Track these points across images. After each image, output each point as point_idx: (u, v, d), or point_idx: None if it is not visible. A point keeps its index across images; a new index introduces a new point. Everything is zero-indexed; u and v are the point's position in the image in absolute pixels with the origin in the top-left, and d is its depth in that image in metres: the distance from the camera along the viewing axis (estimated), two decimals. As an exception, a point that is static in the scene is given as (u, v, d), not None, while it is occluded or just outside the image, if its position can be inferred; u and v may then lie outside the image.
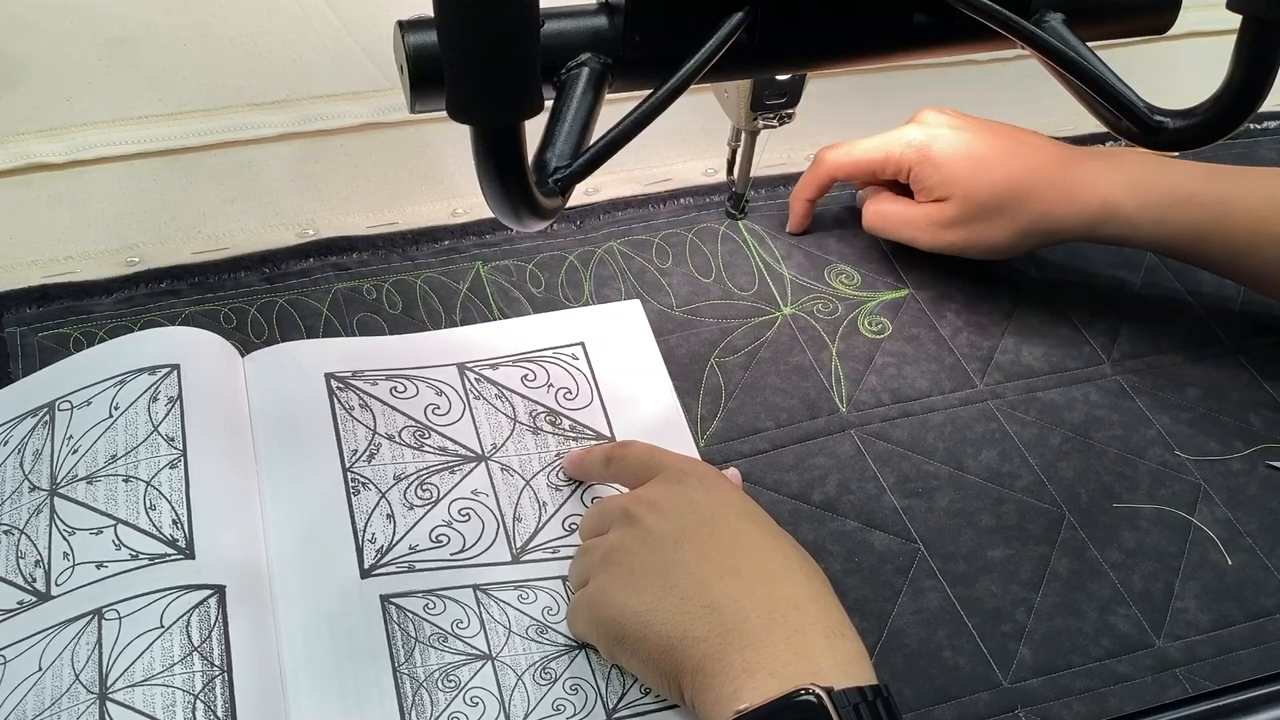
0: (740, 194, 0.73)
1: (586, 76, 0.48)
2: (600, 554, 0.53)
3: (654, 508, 0.53)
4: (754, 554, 0.51)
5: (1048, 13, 0.53)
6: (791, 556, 0.52)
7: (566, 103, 0.47)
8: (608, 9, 0.49)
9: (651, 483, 0.56)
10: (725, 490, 0.55)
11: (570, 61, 0.48)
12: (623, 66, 0.49)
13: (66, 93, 0.76)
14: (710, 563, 0.51)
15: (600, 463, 0.59)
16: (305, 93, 0.79)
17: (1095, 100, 0.53)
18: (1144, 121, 0.53)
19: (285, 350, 0.64)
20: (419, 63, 0.45)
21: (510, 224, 0.46)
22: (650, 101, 0.47)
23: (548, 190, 0.46)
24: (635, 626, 0.50)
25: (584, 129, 0.47)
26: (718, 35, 0.48)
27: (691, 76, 0.47)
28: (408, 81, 0.46)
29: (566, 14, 0.48)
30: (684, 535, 0.52)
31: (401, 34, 0.46)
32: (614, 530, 0.54)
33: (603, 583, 0.52)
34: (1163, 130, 0.53)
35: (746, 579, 0.50)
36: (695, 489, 0.54)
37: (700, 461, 0.60)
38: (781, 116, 0.64)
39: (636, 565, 0.52)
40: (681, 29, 0.48)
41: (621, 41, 0.48)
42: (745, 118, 0.65)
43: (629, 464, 0.58)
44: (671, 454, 0.58)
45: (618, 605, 0.51)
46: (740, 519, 0.53)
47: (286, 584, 0.55)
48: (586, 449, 0.61)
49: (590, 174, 0.47)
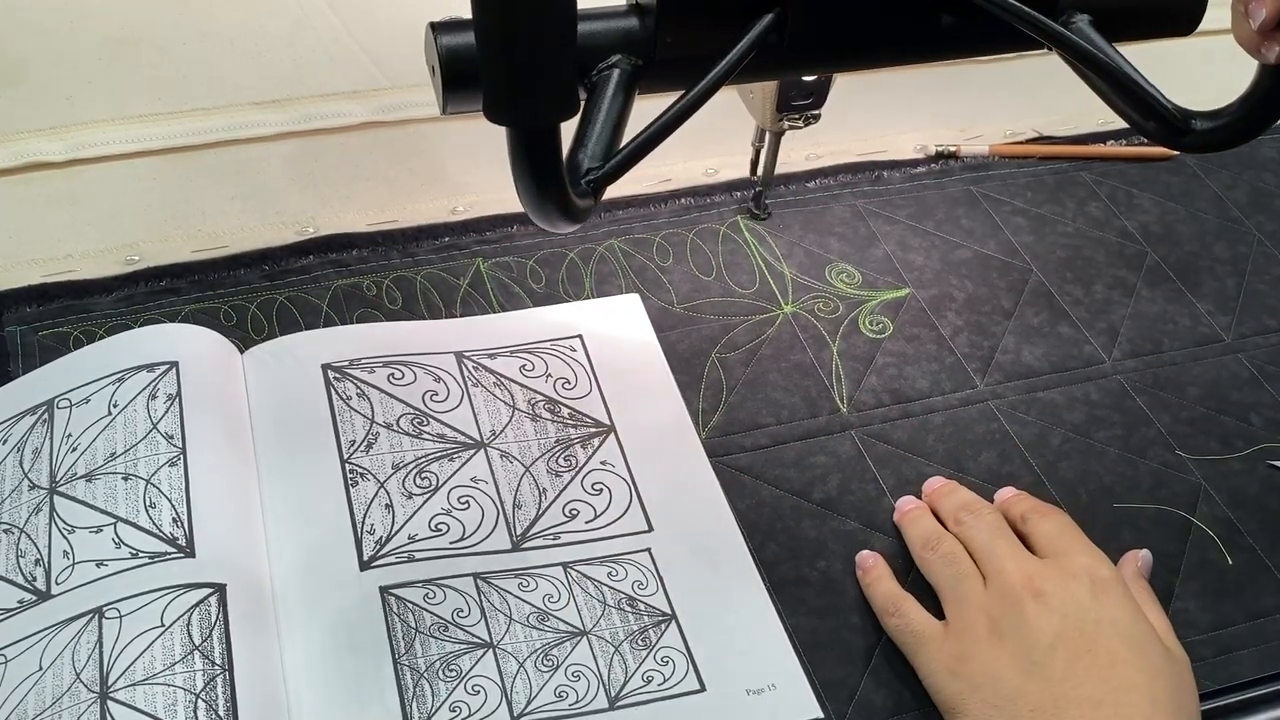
0: (763, 193, 0.74)
1: (617, 78, 0.48)
2: (976, 609, 0.53)
3: (1041, 599, 0.52)
4: (1122, 691, 0.49)
5: (1074, 14, 0.52)
6: (1160, 704, 0.49)
7: (598, 104, 0.47)
8: (638, 10, 0.49)
9: (1046, 567, 0.54)
10: (1118, 603, 0.52)
11: (601, 63, 0.48)
12: (653, 68, 0.49)
13: (66, 92, 0.76)
14: (1073, 683, 0.49)
15: (990, 509, 0.58)
16: (305, 92, 0.79)
17: (1122, 101, 0.53)
18: (1171, 123, 0.52)
19: (282, 344, 0.64)
20: (452, 64, 0.45)
21: (544, 225, 0.46)
22: (682, 103, 0.47)
23: (580, 191, 0.46)
24: (975, 704, 0.50)
25: (615, 130, 0.47)
26: (748, 37, 0.47)
27: (723, 78, 0.47)
28: (440, 83, 0.46)
29: (597, 15, 0.48)
30: (1059, 641, 0.51)
31: (434, 35, 0.46)
32: (993, 595, 0.53)
33: (967, 648, 0.52)
34: (1190, 131, 0.52)
35: (1104, 716, 0.48)
36: (1087, 591, 0.52)
37: (1103, 558, 0.55)
38: (807, 117, 0.65)
39: (1002, 653, 0.51)
40: (712, 30, 0.48)
41: (652, 43, 0.48)
42: (771, 119, 0.65)
43: (1044, 532, 0.56)
44: (1083, 540, 0.56)
45: (978, 675, 0.51)
46: (1124, 645, 0.51)
47: (286, 581, 0.55)
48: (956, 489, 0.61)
49: (622, 175, 0.47)
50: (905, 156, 0.82)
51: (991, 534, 0.56)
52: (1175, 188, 0.82)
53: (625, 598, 0.56)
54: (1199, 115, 0.53)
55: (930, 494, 0.61)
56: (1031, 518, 0.57)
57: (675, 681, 0.54)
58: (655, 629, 0.55)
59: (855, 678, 0.55)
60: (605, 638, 0.55)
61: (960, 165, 0.81)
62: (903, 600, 0.56)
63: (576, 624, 0.55)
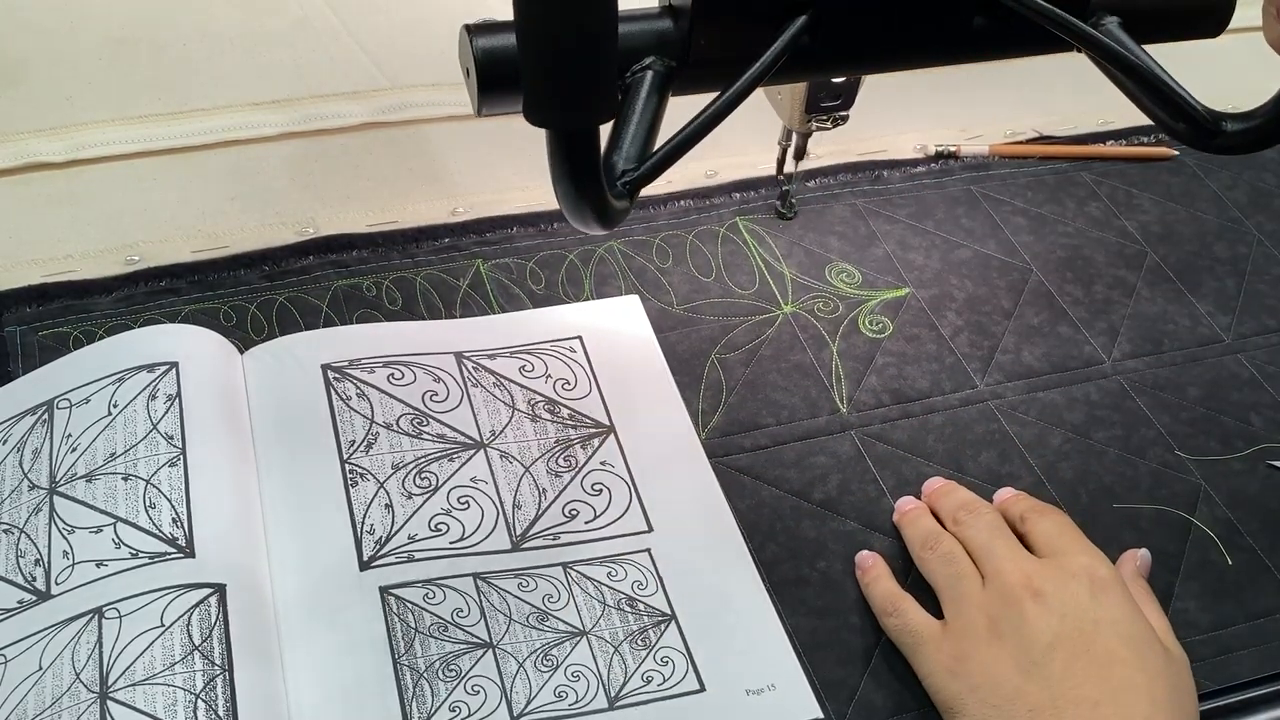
0: (789, 192, 0.74)
1: (651, 79, 0.48)
2: (975, 608, 0.53)
3: (1039, 599, 0.52)
4: (1121, 691, 0.49)
5: (1104, 15, 0.52)
6: (1159, 704, 0.49)
7: (632, 105, 0.47)
8: (672, 12, 0.49)
9: (1045, 566, 0.54)
10: (1117, 603, 0.52)
11: (635, 65, 0.48)
12: (686, 69, 0.49)
13: (66, 92, 0.77)
14: (1072, 683, 0.49)
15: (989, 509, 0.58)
16: (305, 92, 0.79)
17: (1152, 103, 0.53)
18: (1202, 124, 0.52)
19: (282, 344, 0.64)
20: (488, 67, 0.45)
21: (580, 226, 0.46)
22: (717, 105, 0.47)
23: (616, 193, 0.45)
24: (974, 704, 0.50)
25: (650, 131, 0.47)
26: (782, 39, 0.47)
27: (758, 80, 0.47)
28: (475, 85, 0.46)
29: (631, 17, 0.48)
30: (1058, 641, 0.51)
31: (470, 38, 0.46)
32: (991, 595, 0.53)
33: (966, 648, 0.52)
34: (1221, 133, 0.52)
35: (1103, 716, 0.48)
36: (1086, 591, 0.52)
37: (1101, 557, 0.55)
38: (835, 118, 0.65)
39: (1000, 653, 0.51)
40: (745, 32, 0.48)
41: (686, 44, 0.48)
42: (799, 119, 0.65)
43: (1043, 531, 0.56)
44: (1081, 540, 0.56)
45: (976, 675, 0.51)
46: (1123, 645, 0.51)
47: (286, 581, 0.55)
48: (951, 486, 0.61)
49: (657, 177, 0.47)
50: (905, 156, 0.82)
51: (990, 533, 0.56)
52: (1175, 188, 0.82)
53: (625, 598, 0.56)
54: (1230, 117, 0.52)
55: (929, 494, 0.61)
56: (1030, 517, 0.57)
57: (675, 682, 0.54)
58: (655, 629, 0.55)
59: (855, 678, 0.55)
60: (605, 638, 0.55)
61: (960, 165, 0.81)
62: (901, 600, 0.56)
63: (576, 624, 0.55)
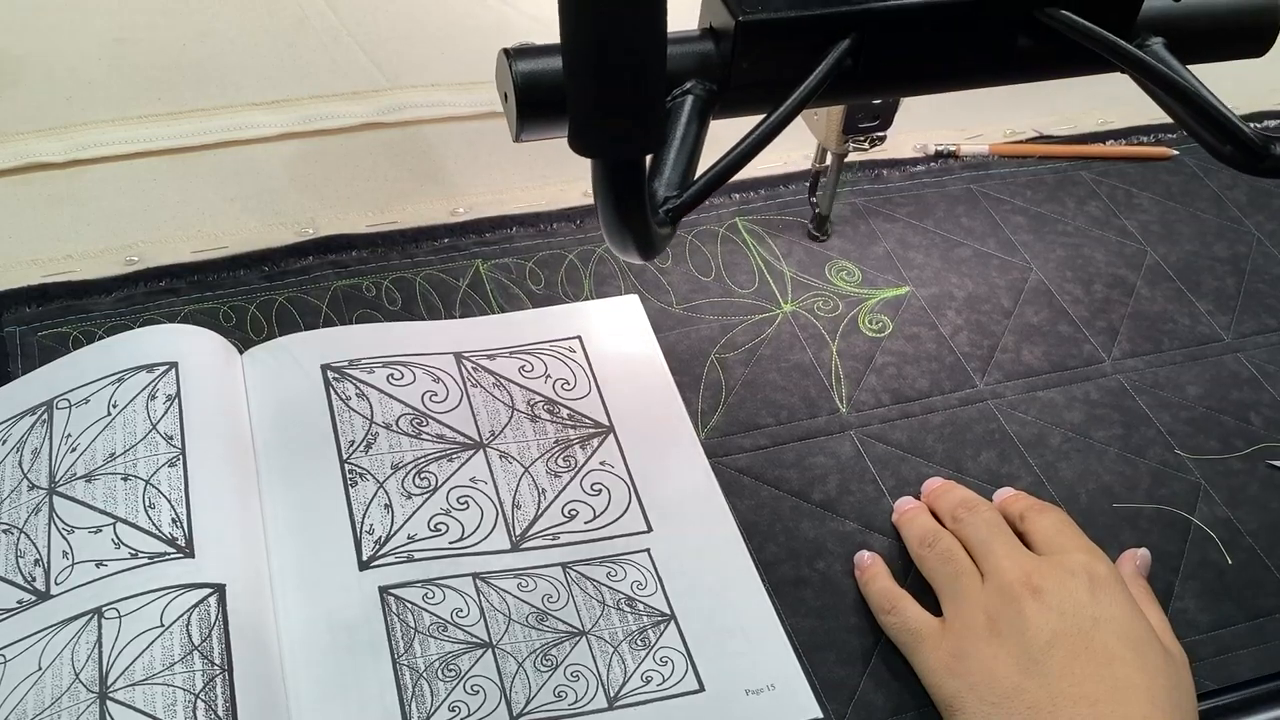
0: (825, 216, 0.72)
1: (692, 104, 0.47)
2: (974, 606, 0.53)
3: (1039, 596, 0.52)
4: (1120, 689, 0.49)
5: (1150, 37, 0.52)
6: (1158, 702, 0.49)
7: (673, 130, 0.46)
8: (713, 34, 0.48)
9: (1044, 564, 0.54)
10: (1115, 601, 0.52)
11: (676, 89, 0.47)
12: (728, 92, 0.48)
13: (66, 92, 0.77)
14: (1071, 681, 0.49)
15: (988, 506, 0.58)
16: (305, 93, 0.79)
17: (1199, 125, 0.52)
18: (1250, 148, 0.51)
19: (281, 344, 0.64)
20: (528, 92, 0.45)
21: (623, 255, 0.45)
22: (760, 130, 0.46)
23: (659, 220, 0.44)
24: (972, 702, 0.50)
25: (691, 157, 0.46)
26: (826, 62, 0.47)
27: (801, 104, 0.46)
28: (514, 110, 0.45)
29: (672, 40, 0.46)
30: (1057, 639, 0.51)
31: (510, 62, 0.45)
32: (990, 593, 0.53)
33: (965, 645, 0.52)
34: (1270, 157, 0.51)
35: (1101, 714, 0.48)
36: (1085, 589, 0.52)
37: (1101, 555, 0.55)
38: (872, 139, 0.64)
39: (1000, 650, 0.51)
40: (788, 56, 0.47)
41: (728, 68, 0.47)
42: (836, 140, 0.64)
43: (1042, 529, 0.56)
44: (1081, 537, 0.56)
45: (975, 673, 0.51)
46: (1122, 643, 0.51)
47: (285, 581, 0.55)
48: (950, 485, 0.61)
49: (699, 205, 0.45)
50: (905, 155, 0.82)
51: (989, 531, 0.56)
52: (1175, 188, 0.81)
53: (624, 598, 0.56)
54: (1278, 139, 0.51)
55: (928, 494, 0.61)
56: (1029, 515, 0.57)
57: (674, 682, 0.54)
58: (654, 629, 0.55)
59: (855, 678, 0.55)
60: (604, 638, 0.55)
61: (960, 164, 0.81)
62: (899, 598, 0.56)
63: (575, 624, 0.55)
